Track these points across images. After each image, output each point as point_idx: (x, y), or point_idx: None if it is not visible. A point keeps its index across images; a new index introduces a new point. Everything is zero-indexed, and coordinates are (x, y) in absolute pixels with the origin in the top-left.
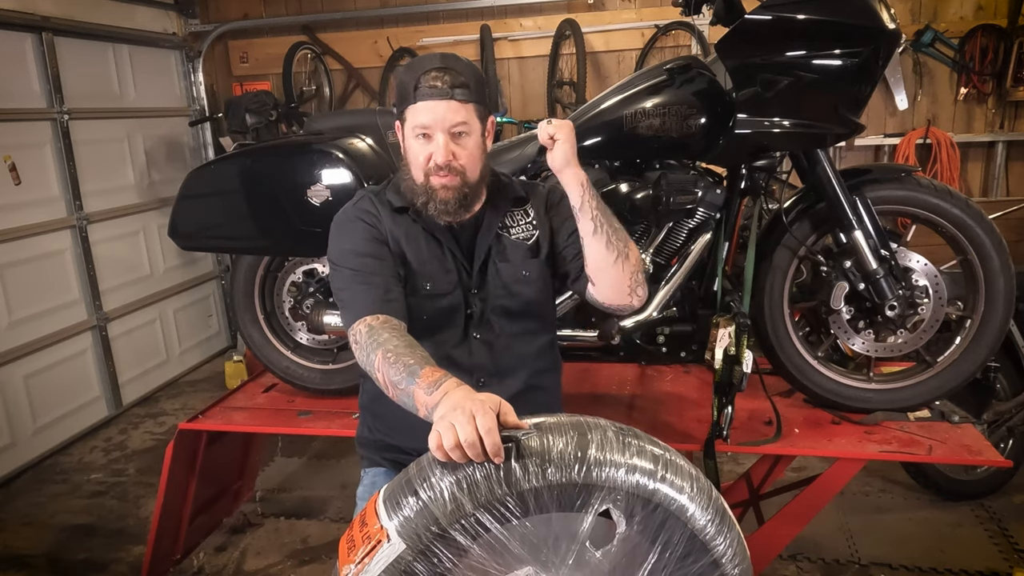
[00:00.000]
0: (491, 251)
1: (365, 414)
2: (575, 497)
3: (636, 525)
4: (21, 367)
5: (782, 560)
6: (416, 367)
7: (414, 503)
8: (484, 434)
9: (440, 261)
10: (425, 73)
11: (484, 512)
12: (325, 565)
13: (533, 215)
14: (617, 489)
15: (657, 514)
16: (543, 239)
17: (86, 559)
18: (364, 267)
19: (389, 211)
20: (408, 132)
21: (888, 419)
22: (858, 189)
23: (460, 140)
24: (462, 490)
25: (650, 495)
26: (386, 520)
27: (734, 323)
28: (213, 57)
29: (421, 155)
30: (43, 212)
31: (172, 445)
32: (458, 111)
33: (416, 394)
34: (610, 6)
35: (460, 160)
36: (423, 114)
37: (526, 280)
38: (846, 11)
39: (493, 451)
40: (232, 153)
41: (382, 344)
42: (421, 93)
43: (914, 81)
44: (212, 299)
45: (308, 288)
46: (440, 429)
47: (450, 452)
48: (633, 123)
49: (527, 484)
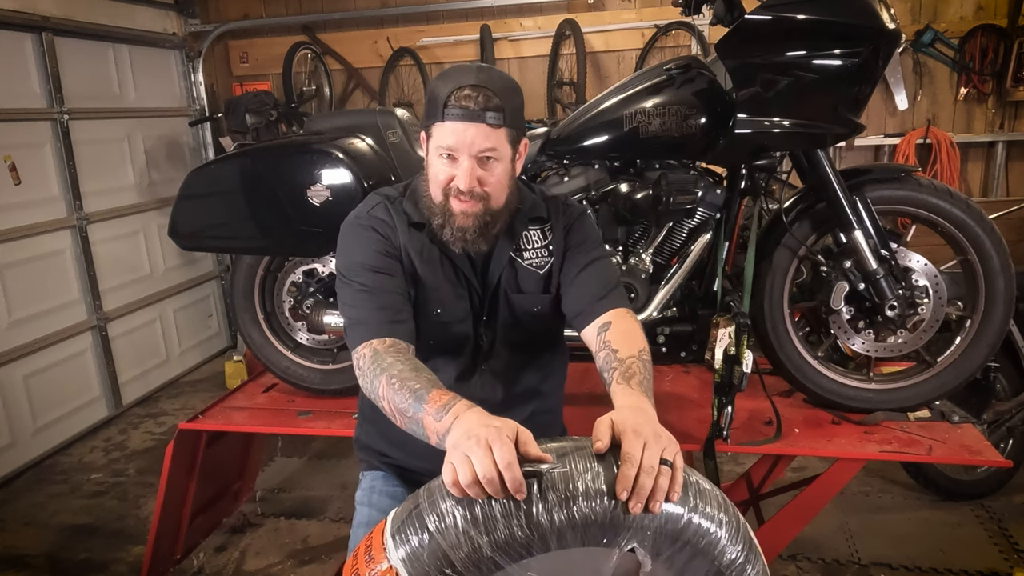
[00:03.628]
0: (503, 278)
1: (363, 420)
2: (600, 535)
3: (663, 563)
4: (21, 367)
5: (782, 560)
6: (423, 392)
7: (425, 540)
8: (503, 469)
9: (453, 286)
10: (459, 89)
11: (501, 554)
12: (325, 565)
13: (551, 238)
14: (646, 528)
15: (684, 552)
16: (556, 269)
17: (86, 559)
18: (373, 283)
19: (405, 224)
20: (432, 149)
21: (888, 419)
22: (858, 189)
23: (487, 165)
24: (478, 530)
25: (679, 533)
26: (394, 556)
27: (734, 323)
28: (213, 57)
29: (443, 175)
30: (43, 212)
31: (172, 445)
32: (488, 136)
33: (425, 421)
34: (610, 6)
35: (485, 187)
36: (450, 135)
37: (538, 315)
38: (846, 11)
39: (514, 487)
40: (232, 153)
41: (386, 369)
42: (450, 112)
43: (914, 81)
44: (212, 299)
45: (308, 288)
46: (454, 461)
47: (467, 489)
48: (633, 123)
49: (549, 525)
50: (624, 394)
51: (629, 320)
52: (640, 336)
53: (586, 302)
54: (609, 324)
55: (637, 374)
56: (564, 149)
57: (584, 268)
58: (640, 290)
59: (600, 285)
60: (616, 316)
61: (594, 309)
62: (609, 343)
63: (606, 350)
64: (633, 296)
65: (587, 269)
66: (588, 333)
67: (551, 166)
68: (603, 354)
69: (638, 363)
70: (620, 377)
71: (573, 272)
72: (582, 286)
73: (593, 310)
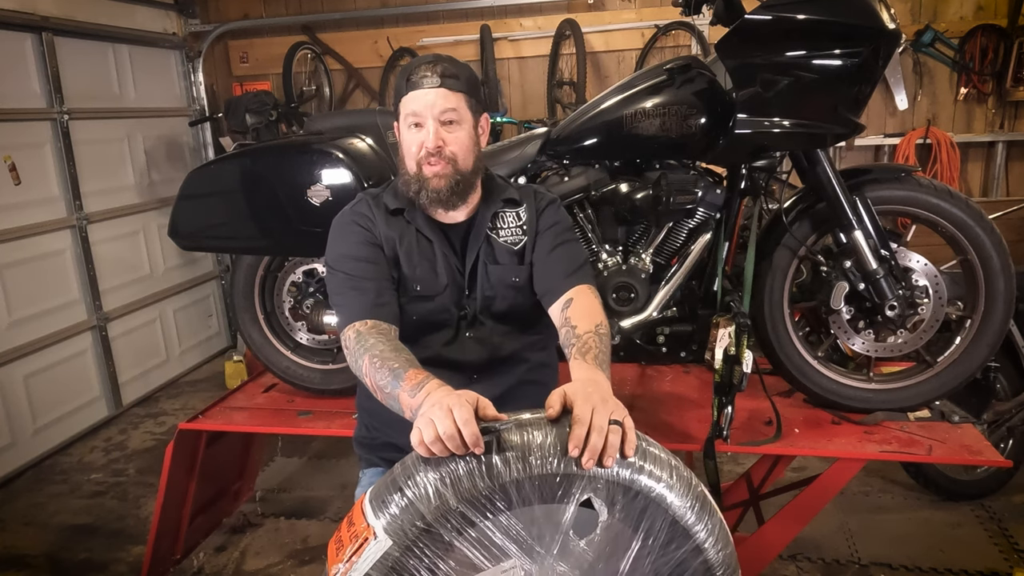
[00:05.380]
0: (480, 252)
1: (362, 412)
2: (556, 488)
3: (618, 513)
4: (21, 367)
5: (782, 560)
6: (400, 370)
7: (399, 500)
8: (462, 425)
9: (431, 262)
10: (417, 68)
11: (468, 506)
12: (325, 565)
13: (525, 219)
14: (597, 478)
15: (638, 501)
16: (529, 247)
17: (86, 559)
18: (357, 271)
19: (384, 214)
20: (402, 125)
21: (888, 419)
22: (858, 189)
23: (450, 128)
24: (445, 485)
25: (630, 483)
26: (372, 519)
27: (734, 323)
28: (213, 57)
29: (414, 145)
30: (43, 212)
31: (172, 445)
32: (447, 98)
33: (401, 397)
34: (610, 6)
35: (450, 146)
36: (413, 102)
37: (515, 286)
38: (846, 11)
39: (472, 441)
40: (232, 153)
41: (368, 349)
42: (412, 84)
43: (914, 81)
44: (212, 299)
45: (308, 288)
46: (420, 425)
47: (430, 446)
48: (633, 123)
49: (508, 476)
50: (579, 368)
51: (589, 296)
52: (598, 311)
53: (552, 281)
54: (571, 301)
55: (592, 348)
56: (564, 149)
57: (553, 250)
58: (640, 290)
59: (566, 265)
60: (578, 293)
61: (559, 287)
62: (569, 319)
63: (567, 326)
64: (633, 296)
65: (556, 251)
66: (554, 311)
67: (551, 166)
68: (564, 330)
69: (594, 338)
70: (577, 352)
71: (543, 253)
72: (550, 266)
73: (558, 288)
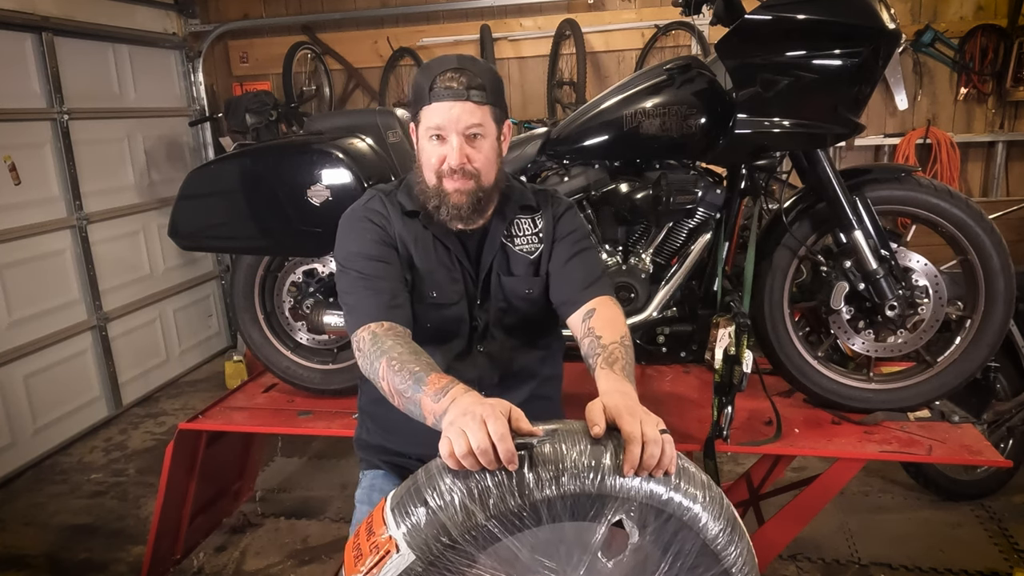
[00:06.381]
0: (495, 262)
1: (364, 417)
2: (588, 507)
3: (649, 535)
4: (21, 367)
5: (782, 560)
6: (422, 374)
7: (423, 512)
8: (497, 440)
9: (448, 270)
10: (441, 74)
11: (496, 523)
12: (325, 565)
13: (541, 226)
14: (631, 500)
15: (670, 524)
16: (545, 256)
17: (86, 559)
18: (371, 271)
19: (399, 213)
20: (422, 133)
21: (888, 419)
22: (858, 189)
23: (475, 143)
24: (473, 500)
25: (663, 505)
26: (394, 529)
27: (734, 323)
28: (213, 57)
29: (434, 157)
30: (43, 212)
31: (172, 445)
32: (473, 112)
33: (423, 401)
34: (610, 6)
35: (475, 163)
36: (437, 115)
37: (529, 298)
38: (846, 11)
39: (507, 458)
40: (232, 153)
41: (386, 352)
42: (436, 94)
43: (914, 81)
44: (212, 299)
45: (308, 288)
46: (451, 435)
47: (462, 460)
48: (633, 123)
49: (541, 494)
50: (608, 379)
51: (612, 307)
52: (622, 323)
53: (572, 291)
54: (593, 311)
55: (620, 359)
56: (564, 149)
57: (571, 258)
58: (640, 290)
59: (586, 274)
60: (600, 304)
61: (579, 297)
62: (593, 329)
63: (590, 336)
64: (633, 296)
65: (574, 259)
66: (573, 320)
67: (551, 166)
68: (587, 340)
69: (620, 348)
70: (604, 362)
71: (560, 262)
72: (568, 275)
73: (578, 298)
